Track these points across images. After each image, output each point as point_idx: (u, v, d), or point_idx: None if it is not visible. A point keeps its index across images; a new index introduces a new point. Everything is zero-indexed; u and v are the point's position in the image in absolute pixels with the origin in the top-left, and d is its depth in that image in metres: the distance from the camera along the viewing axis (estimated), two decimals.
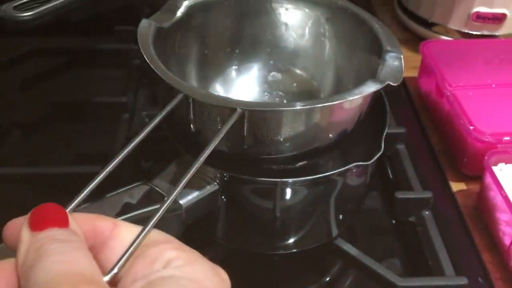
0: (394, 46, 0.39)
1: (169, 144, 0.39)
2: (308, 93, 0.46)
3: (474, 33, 0.66)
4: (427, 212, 0.46)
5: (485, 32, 0.66)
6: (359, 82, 0.37)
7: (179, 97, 0.33)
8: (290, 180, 0.36)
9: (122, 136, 0.51)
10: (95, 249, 0.22)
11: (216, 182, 0.36)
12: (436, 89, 0.57)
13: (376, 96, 0.39)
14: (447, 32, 0.67)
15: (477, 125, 0.49)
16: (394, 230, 0.48)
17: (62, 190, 0.48)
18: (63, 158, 0.54)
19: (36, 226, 0.20)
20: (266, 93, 0.47)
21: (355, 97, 0.34)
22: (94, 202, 0.32)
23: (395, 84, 0.35)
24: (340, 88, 0.44)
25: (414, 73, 0.63)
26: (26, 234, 0.20)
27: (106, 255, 0.22)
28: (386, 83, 0.35)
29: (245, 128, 0.33)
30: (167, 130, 0.38)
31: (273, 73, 0.47)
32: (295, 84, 0.47)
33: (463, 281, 0.40)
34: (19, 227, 0.21)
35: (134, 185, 0.34)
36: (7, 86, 0.61)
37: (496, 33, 0.66)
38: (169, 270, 0.21)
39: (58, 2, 0.50)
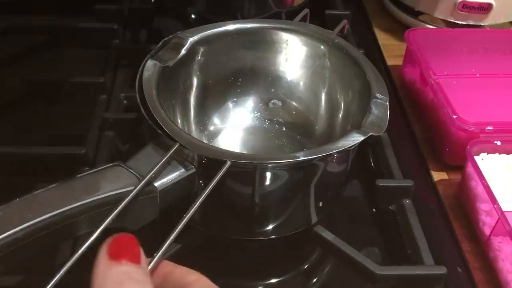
0: (382, 92, 0.40)
1: (145, 126, 0.37)
2: (303, 127, 0.48)
3: (460, 22, 0.66)
4: (407, 201, 0.45)
5: (471, 22, 0.65)
6: (349, 122, 0.42)
7: (175, 146, 0.34)
8: (269, 164, 0.35)
9: (99, 117, 0.50)
10: None
11: (194, 165, 0.35)
12: (420, 78, 0.56)
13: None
14: (433, 21, 0.67)
15: (460, 114, 0.49)
16: (374, 218, 0.47)
17: (35, 171, 0.46)
18: (38, 139, 0.52)
19: (114, 255, 0.24)
20: (266, 120, 0.49)
21: (338, 150, 0.36)
22: (64, 183, 0.31)
23: (377, 134, 0.37)
24: (333, 125, 0.46)
25: (398, 62, 0.63)
26: (104, 260, 0.24)
27: None
28: (369, 134, 0.37)
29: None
30: (144, 111, 0.37)
31: (274, 100, 0.49)
32: (294, 113, 0.49)
33: (442, 270, 0.40)
34: None
35: (107, 166, 0.33)
36: None
37: (482, 23, 0.65)
38: None
39: None
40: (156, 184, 0.33)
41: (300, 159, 0.35)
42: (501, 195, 0.43)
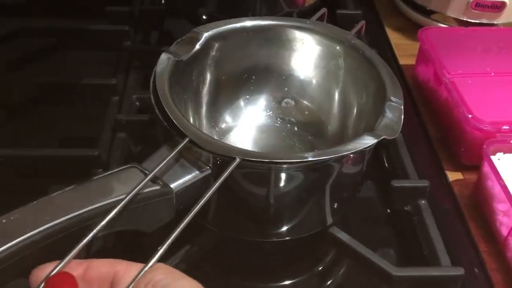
0: (397, 95, 0.40)
1: (160, 126, 0.37)
2: (315, 127, 0.48)
3: (473, 21, 0.65)
4: (423, 201, 0.45)
5: (484, 21, 0.65)
6: (362, 124, 0.42)
7: (184, 140, 0.34)
8: (284, 165, 0.34)
9: (112, 119, 0.50)
10: None
11: (209, 166, 0.35)
12: (434, 77, 0.55)
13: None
14: (446, 20, 0.66)
15: (475, 113, 0.48)
16: (389, 219, 0.47)
17: (49, 173, 0.46)
18: (50, 141, 0.52)
19: None
20: (279, 119, 0.49)
21: (349, 152, 0.35)
22: (79, 185, 0.31)
23: (390, 138, 0.37)
24: (345, 126, 0.46)
25: (411, 61, 0.62)
26: None
27: None
28: (382, 137, 0.36)
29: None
30: (158, 111, 0.37)
31: (286, 99, 0.49)
32: (306, 113, 0.49)
33: (459, 271, 0.39)
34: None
35: (122, 167, 0.33)
36: None
37: (495, 22, 0.65)
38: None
39: None
40: (172, 185, 0.33)
41: (309, 159, 0.34)
42: None
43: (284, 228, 0.40)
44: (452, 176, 0.50)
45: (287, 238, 0.40)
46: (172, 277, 0.27)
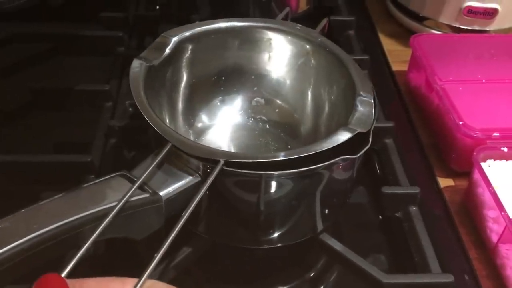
0: (367, 91, 0.40)
1: (152, 133, 0.37)
2: (288, 125, 0.49)
3: (465, 27, 0.65)
4: (414, 208, 0.45)
5: (476, 27, 0.65)
6: (334, 119, 0.43)
7: (167, 146, 0.34)
8: (275, 172, 0.35)
9: (105, 125, 0.50)
10: None
11: (199, 173, 0.35)
12: (426, 84, 0.56)
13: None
14: (438, 26, 0.67)
15: (466, 120, 0.48)
16: (380, 225, 0.47)
17: (41, 179, 0.47)
18: (44, 147, 0.52)
19: None
20: (250, 118, 0.49)
21: (328, 147, 0.35)
22: (69, 193, 0.31)
23: (364, 131, 0.37)
24: (317, 123, 0.46)
25: (404, 67, 0.63)
26: None
27: None
28: (357, 131, 0.37)
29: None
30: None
31: (257, 98, 0.49)
32: (277, 110, 0.49)
33: (449, 278, 0.39)
34: None
35: (112, 175, 0.33)
36: None
37: (487, 28, 0.65)
38: None
39: None
40: (161, 193, 0.33)
41: (290, 157, 0.34)
42: (508, 202, 0.43)
43: (275, 235, 0.40)
44: (443, 182, 0.50)
45: (278, 245, 0.40)
46: None
